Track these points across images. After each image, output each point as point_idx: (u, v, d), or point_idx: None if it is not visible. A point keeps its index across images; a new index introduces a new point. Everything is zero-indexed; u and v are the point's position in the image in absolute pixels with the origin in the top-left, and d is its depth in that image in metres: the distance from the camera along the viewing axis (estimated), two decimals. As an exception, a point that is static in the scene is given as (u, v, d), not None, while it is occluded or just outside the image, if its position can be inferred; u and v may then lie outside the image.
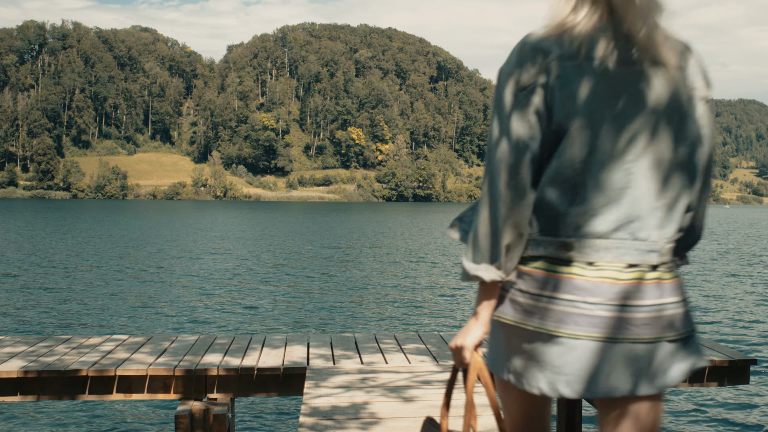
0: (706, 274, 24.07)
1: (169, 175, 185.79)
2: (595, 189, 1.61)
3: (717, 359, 5.48)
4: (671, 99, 1.63)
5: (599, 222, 1.62)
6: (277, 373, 5.13)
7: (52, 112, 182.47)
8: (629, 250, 1.62)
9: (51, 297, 16.99)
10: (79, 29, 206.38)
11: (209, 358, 5.35)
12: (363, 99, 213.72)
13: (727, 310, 16.18)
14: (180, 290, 18.51)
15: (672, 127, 1.64)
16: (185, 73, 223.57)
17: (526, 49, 1.63)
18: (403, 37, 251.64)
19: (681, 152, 1.66)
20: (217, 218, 68.30)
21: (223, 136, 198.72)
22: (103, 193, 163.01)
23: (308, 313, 15.37)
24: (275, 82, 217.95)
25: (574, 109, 1.59)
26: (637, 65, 1.61)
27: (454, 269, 24.57)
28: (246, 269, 23.73)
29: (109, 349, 5.59)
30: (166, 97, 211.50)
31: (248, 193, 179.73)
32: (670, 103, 1.63)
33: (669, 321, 1.63)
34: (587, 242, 1.62)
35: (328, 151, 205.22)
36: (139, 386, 5.07)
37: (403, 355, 5.55)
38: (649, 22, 1.59)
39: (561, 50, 1.60)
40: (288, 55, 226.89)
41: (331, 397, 4.40)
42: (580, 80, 1.59)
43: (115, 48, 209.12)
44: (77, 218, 62.29)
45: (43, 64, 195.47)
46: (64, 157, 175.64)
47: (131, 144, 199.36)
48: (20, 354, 5.40)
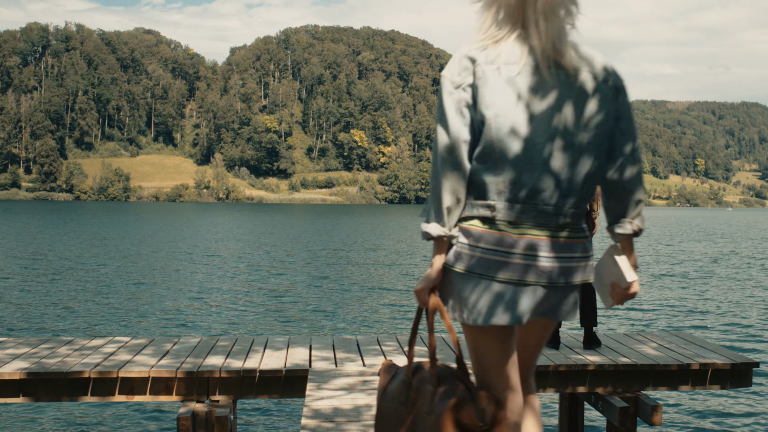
0: (709, 277, 24.04)
1: (171, 177, 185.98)
2: (511, 164, 2.04)
3: (719, 362, 5.47)
4: (571, 94, 2.07)
5: (516, 190, 2.05)
6: (279, 375, 5.13)
7: (55, 114, 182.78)
8: (540, 213, 2.07)
9: (53, 299, 17.00)
10: (82, 31, 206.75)
11: (211, 360, 5.36)
12: (366, 101, 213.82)
13: (730, 313, 16.16)
14: (182, 292, 18.52)
15: (574, 116, 2.06)
16: (188, 75, 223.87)
17: (459, 57, 2.09)
18: (406, 40, 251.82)
19: (582, 136, 2.08)
20: (220, 220, 68.33)
21: (225, 138, 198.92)
22: (106, 194, 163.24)
23: (310, 315, 15.37)
24: (278, 85, 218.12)
25: (493, 102, 2.03)
26: (543, 69, 2.05)
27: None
28: (248, 271, 23.73)
29: (111, 351, 5.59)
30: (169, 99, 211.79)
31: (250, 195, 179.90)
32: (570, 97, 2.06)
33: (569, 270, 2.11)
34: (508, 205, 2.06)
35: (331, 153, 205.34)
36: (141, 388, 5.07)
37: (405, 357, 5.55)
38: (551, 36, 2.05)
39: (485, 58, 2.06)
40: (291, 58, 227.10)
41: (333, 399, 4.40)
42: (498, 80, 2.03)
43: (118, 50, 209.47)
44: (79, 220, 62.35)
45: (47, 66, 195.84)
46: (66, 159, 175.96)
47: (134, 146, 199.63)
48: (23, 355, 5.41)
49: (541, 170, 2.05)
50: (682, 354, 5.72)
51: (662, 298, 18.44)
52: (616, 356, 5.62)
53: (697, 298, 18.70)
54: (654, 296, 18.82)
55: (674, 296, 18.92)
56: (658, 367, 5.43)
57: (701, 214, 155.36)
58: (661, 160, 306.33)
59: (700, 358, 5.57)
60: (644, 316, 15.68)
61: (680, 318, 15.48)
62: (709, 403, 9.01)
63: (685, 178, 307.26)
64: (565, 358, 5.56)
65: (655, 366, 5.43)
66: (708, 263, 29.26)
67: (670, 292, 19.80)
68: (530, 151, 2.04)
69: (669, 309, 16.70)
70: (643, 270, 25.94)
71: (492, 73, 2.04)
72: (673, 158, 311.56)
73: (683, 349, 5.90)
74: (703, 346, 6.05)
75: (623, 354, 5.70)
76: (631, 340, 6.31)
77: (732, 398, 9.20)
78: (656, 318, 15.42)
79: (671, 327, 14.35)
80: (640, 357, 5.61)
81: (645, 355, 5.69)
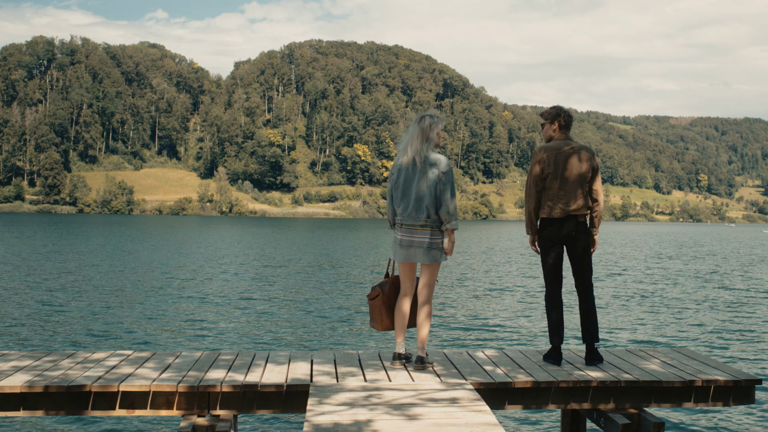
0: (711, 293, 23.98)
1: (175, 190, 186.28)
2: (396, 202, 5.74)
3: (722, 379, 5.46)
4: (424, 176, 5.58)
5: (399, 212, 5.69)
6: (280, 390, 5.12)
7: (59, 127, 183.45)
8: (410, 220, 5.63)
9: (56, 312, 17.01)
10: (87, 45, 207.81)
11: (213, 374, 5.36)
12: (369, 116, 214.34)
13: (732, 330, 16.10)
14: (185, 306, 18.51)
15: (423, 183, 5.57)
16: (192, 89, 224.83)
17: (395, 167, 5.76)
18: (410, 55, 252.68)
19: (423, 189, 5.56)
20: (223, 234, 68.36)
21: (229, 151, 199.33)
22: (109, 207, 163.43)
23: (312, 329, 15.35)
24: (282, 99, 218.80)
25: (392, 181, 5.76)
26: (415, 166, 5.62)
27: (459, 289, 24.54)
28: (251, 285, 23.72)
29: (113, 364, 5.60)
30: (173, 113, 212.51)
31: (254, 209, 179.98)
32: (423, 177, 5.58)
33: (422, 242, 5.60)
34: (400, 219, 5.69)
35: (334, 167, 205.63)
36: (142, 402, 5.07)
37: (406, 373, 5.55)
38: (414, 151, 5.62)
39: (399, 162, 5.71)
40: (295, 72, 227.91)
41: (334, 414, 4.39)
42: (399, 172, 5.70)
43: (123, 64, 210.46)
44: (83, 233, 62.42)
45: (52, 79, 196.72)
46: (70, 172, 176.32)
47: (138, 159, 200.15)
48: (25, 368, 5.41)
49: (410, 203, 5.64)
50: (684, 370, 5.71)
51: (664, 315, 18.39)
52: (619, 372, 5.61)
53: (699, 314, 18.64)
54: (656, 312, 18.77)
55: (676, 312, 18.87)
56: (661, 383, 5.41)
57: (703, 230, 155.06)
58: (664, 176, 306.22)
59: (702, 375, 5.56)
60: (646, 332, 15.63)
61: (682, 334, 15.43)
62: (711, 420, 8.97)
63: (688, 193, 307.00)
64: (567, 374, 5.55)
65: (657, 382, 5.41)
66: (709, 280, 29.19)
67: (671, 308, 19.75)
68: (407, 197, 5.69)
69: (671, 325, 16.65)
70: (644, 287, 25.89)
71: (397, 169, 5.82)
72: (676, 174, 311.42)
73: (685, 366, 5.89)
74: (706, 363, 6.04)
75: (625, 370, 5.69)
76: (633, 356, 6.30)
77: (735, 415, 9.16)
78: (658, 334, 15.37)
79: (673, 343, 14.31)
80: (642, 373, 5.59)
81: (647, 371, 5.67)
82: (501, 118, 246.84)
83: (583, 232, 5.91)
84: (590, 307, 5.98)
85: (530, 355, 6.30)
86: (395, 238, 5.73)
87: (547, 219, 5.91)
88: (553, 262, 5.97)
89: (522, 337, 14.69)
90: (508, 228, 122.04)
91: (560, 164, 5.83)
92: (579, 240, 5.90)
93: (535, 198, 5.93)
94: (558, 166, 5.83)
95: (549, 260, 5.98)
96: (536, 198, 5.93)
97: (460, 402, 4.71)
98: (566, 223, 5.86)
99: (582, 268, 5.97)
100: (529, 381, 5.34)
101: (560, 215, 5.84)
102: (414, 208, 5.57)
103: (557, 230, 5.88)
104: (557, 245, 5.94)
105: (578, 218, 5.88)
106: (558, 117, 5.98)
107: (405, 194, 5.62)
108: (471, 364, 5.88)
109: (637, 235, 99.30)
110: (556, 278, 6.01)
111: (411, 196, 5.58)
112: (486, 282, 26.23)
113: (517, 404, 5.40)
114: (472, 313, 18.08)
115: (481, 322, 16.50)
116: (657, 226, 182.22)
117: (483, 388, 5.28)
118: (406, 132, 5.74)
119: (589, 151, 5.93)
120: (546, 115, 6.04)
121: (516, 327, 15.94)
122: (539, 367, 5.79)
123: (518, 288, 24.32)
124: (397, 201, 5.69)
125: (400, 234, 5.66)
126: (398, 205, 5.67)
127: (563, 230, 5.87)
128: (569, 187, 5.83)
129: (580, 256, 5.95)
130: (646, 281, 27.75)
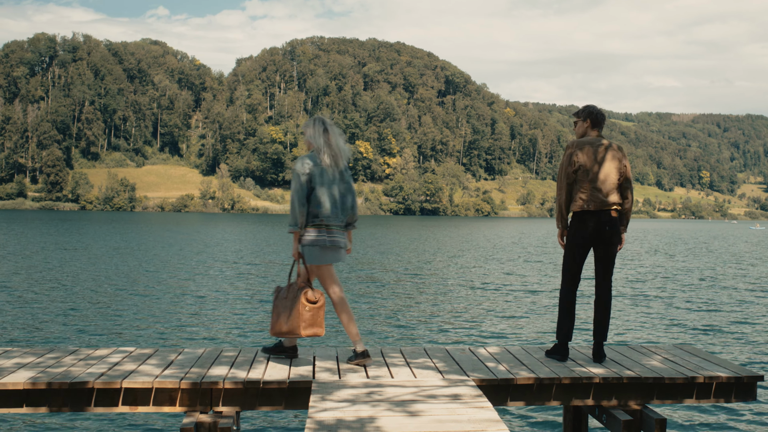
0: (713, 289, 23.97)
1: (177, 187, 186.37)
2: (322, 203, 5.62)
3: (724, 375, 5.46)
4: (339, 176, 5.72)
5: (325, 213, 5.64)
6: (282, 386, 5.13)
7: (61, 123, 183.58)
8: (334, 222, 5.69)
9: (59, 308, 17.03)
10: (89, 42, 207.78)
11: (215, 370, 5.37)
12: (371, 112, 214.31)
13: (734, 327, 16.10)
14: (187, 302, 18.53)
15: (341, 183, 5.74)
16: (194, 86, 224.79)
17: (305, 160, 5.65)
18: (412, 52, 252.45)
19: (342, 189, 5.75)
20: (225, 230, 68.39)
21: (231, 148, 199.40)
22: (112, 204, 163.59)
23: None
24: (284, 96, 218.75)
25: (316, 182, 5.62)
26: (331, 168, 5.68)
27: (462, 285, 24.54)
28: (252, 281, 23.74)
29: (116, 361, 5.61)
30: (175, 110, 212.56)
31: (256, 206, 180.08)
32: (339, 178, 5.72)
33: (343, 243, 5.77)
34: (324, 220, 5.64)
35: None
36: (144, 398, 5.08)
37: (408, 370, 5.55)
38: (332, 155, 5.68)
39: (314, 162, 5.64)
40: (296, 69, 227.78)
41: (336, 410, 4.39)
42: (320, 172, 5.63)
43: (125, 61, 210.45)
44: (85, 230, 62.49)
45: (54, 76, 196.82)
46: (72, 169, 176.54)
47: (140, 156, 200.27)
48: (28, 365, 5.42)
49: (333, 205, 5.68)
50: (686, 367, 5.71)
51: (666, 311, 18.39)
52: (621, 369, 5.61)
53: (701, 310, 18.64)
54: (658, 309, 18.77)
55: (678, 309, 18.86)
56: (663, 380, 5.42)
57: (705, 226, 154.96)
58: (666, 173, 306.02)
59: (704, 371, 5.56)
60: (648, 329, 15.63)
61: (684, 331, 15.43)
62: (713, 417, 8.97)
63: (690, 190, 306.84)
64: (569, 371, 5.55)
65: (659, 379, 5.42)
66: (711, 276, 29.18)
67: (673, 305, 19.75)
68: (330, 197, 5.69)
69: (673, 322, 16.65)
70: (648, 283, 25.89)
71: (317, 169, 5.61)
72: (678, 170, 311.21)
73: (687, 362, 5.89)
74: (708, 360, 6.04)
75: (627, 367, 5.69)
76: (635, 353, 6.30)
77: (737, 412, 9.16)
78: (660, 331, 15.37)
79: (675, 340, 14.31)
80: (644, 370, 5.60)
81: (649, 368, 5.68)
82: (503, 114, 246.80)
83: (615, 227, 5.93)
84: (608, 305, 6.03)
85: (532, 351, 6.30)
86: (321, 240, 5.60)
87: (580, 213, 5.94)
88: (578, 260, 6.02)
89: (524, 333, 14.70)
90: (510, 225, 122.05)
91: (594, 158, 5.89)
92: (609, 236, 5.92)
93: (566, 191, 5.98)
94: (591, 160, 5.89)
95: (574, 258, 6.01)
96: (567, 191, 5.98)
97: (462, 398, 4.71)
98: (600, 217, 5.89)
99: (607, 264, 6.00)
100: (531, 377, 5.34)
101: (594, 208, 5.87)
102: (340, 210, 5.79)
103: (590, 224, 5.89)
104: (586, 246, 5.96)
105: (611, 212, 5.92)
106: (591, 115, 6.09)
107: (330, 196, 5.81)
108: (473, 361, 5.88)
109: (638, 232, 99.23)
110: (575, 276, 6.05)
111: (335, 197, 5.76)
112: (487, 279, 26.23)
113: (519, 401, 5.40)
114: (474, 309, 18.09)
115: (482, 319, 16.51)
116: (659, 223, 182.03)
117: (485, 384, 5.29)
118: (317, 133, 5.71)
119: (621, 149, 6.01)
120: (579, 113, 6.16)
121: (518, 324, 15.95)
122: (541, 363, 5.79)
123: (519, 285, 24.33)
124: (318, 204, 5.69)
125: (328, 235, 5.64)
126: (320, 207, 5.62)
127: (597, 224, 5.88)
128: (602, 182, 5.87)
129: (608, 253, 5.97)
130: (648, 278, 27.75)
